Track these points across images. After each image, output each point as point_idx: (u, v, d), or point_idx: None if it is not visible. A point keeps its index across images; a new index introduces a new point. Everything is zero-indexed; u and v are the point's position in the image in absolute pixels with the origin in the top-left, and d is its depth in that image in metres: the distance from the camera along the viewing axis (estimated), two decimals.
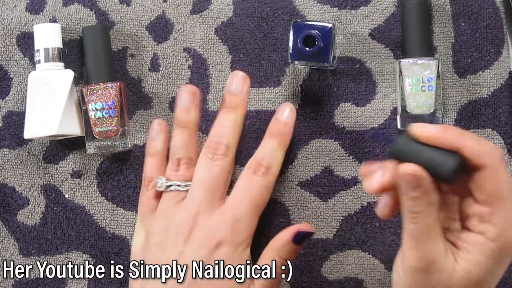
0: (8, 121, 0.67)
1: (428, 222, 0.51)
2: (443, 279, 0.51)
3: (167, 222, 0.62)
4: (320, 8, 0.67)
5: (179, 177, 0.63)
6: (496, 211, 0.51)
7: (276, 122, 0.64)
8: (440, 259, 0.51)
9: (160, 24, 0.67)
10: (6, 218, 0.67)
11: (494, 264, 0.51)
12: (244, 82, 0.64)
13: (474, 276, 0.51)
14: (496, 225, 0.50)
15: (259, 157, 0.63)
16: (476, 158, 0.50)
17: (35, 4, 0.67)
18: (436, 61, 0.63)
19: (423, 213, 0.51)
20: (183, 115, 0.64)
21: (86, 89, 0.64)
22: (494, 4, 0.66)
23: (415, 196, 0.50)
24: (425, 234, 0.51)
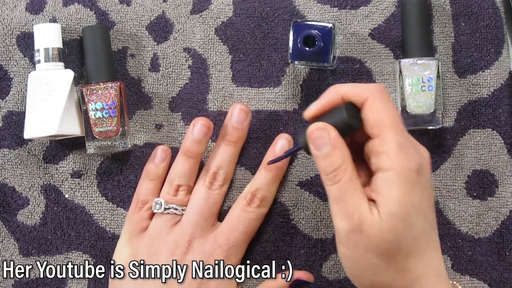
0: (8, 121, 0.67)
1: (347, 178, 0.52)
2: (376, 234, 0.51)
3: (159, 244, 0.63)
4: (320, 8, 0.67)
5: (177, 202, 0.65)
6: (384, 139, 0.52)
7: (273, 156, 0.65)
8: (366, 215, 0.52)
9: (160, 24, 0.67)
10: (6, 218, 0.67)
11: (406, 193, 0.51)
12: (247, 115, 0.65)
13: (397, 213, 0.51)
14: (387, 153, 0.52)
15: (254, 188, 0.65)
16: (356, 96, 0.54)
17: (35, 4, 0.67)
18: (436, 61, 0.63)
19: (339, 169, 0.52)
20: (194, 146, 0.64)
21: (86, 89, 0.64)
22: (494, 4, 0.66)
23: (328, 151, 0.53)
24: (347, 193, 0.52)
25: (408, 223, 0.52)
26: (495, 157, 0.66)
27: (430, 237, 0.54)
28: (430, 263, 0.53)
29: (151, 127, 0.67)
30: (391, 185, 0.51)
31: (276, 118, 0.66)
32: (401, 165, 0.51)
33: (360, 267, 0.53)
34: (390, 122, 0.52)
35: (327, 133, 0.53)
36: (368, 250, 0.52)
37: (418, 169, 0.52)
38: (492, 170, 0.66)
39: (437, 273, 0.54)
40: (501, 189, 0.66)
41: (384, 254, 0.52)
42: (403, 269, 0.53)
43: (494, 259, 0.66)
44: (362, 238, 0.52)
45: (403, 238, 0.52)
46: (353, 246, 0.53)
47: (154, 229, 0.64)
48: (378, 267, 0.53)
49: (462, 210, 0.66)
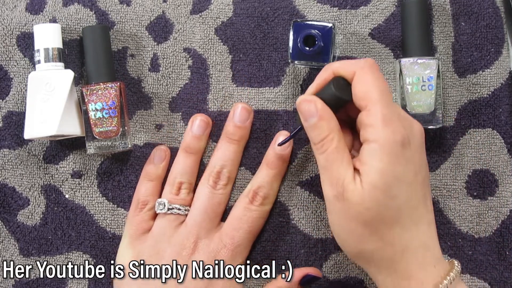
0: (8, 121, 0.67)
1: (332, 147, 0.55)
2: (358, 202, 0.53)
3: (164, 245, 0.63)
4: (320, 8, 0.67)
5: (180, 201, 0.65)
6: (370, 111, 0.54)
7: (273, 153, 0.65)
8: (349, 184, 0.54)
9: (160, 24, 0.67)
10: (6, 218, 0.67)
11: (389, 165, 0.53)
12: (249, 114, 0.65)
13: (377, 184, 0.53)
14: (373, 125, 0.53)
15: (256, 187, 0.65)
16: (345, 71, 0.56)
17: (35, 4, 0.67)
18: (436, 60, 0.63)
19: (326, 139, 0.55)
20: (194, 142, 0.65)
21: (86, 89, 0.64)
22: (494, 4, 0.66)
23: (315, 122, 0.56)
24: (333, 162, 0.55)
25: (389, 194, 0.53)
26: (495, 156, 0.66)
27: (416, 211, 0.55)
28: (417, 237, 0.55)
29: (151, 127, 0.67)
30: (374, 156, 0.53)
31: (276, 118, 0.66)
32: (385, 137, 0.53)
33: (346, 235, 0.56)
34: (376, 95, 0.54)
35: (313, 104, 0.56)
36: (352, 218, 0.54)
37: (403, 142, 0.53)
38: (492, 169, 0.66)
39: (426, 247, 0.55)
40: (501, 189, 0.66)
41: (367, 223, 0.54)
42: (387, 240, 0.54)
43: (495, 258, 0.66)
44: (345, 206, 0.54)
45: (384, 208, 0.53)
46: (338, 214, 0.55)
47: (157, 230, 0.64)
48: (362, 235, 0.54)
49: (462, 210, 0.66)
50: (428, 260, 0.55)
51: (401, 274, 0.54)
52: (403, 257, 0.54)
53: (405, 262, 0.54)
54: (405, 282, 0.54)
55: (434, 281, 0.54)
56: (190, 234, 0.63)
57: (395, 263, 0.54)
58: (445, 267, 0.56)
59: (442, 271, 0.55)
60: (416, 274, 0.54)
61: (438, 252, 0.56)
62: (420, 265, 0.54)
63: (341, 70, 0.56)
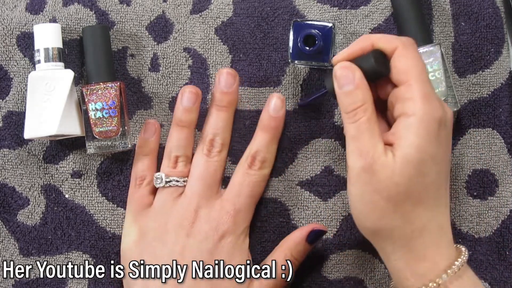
0: (8, 121, 0.67)
1: (366, 117, 0.54)
2: (387, 176, 0.53)
3: (166, 217, 0.63)
4: (320, 8, 0.67)
5: (177, 173, 0.65)
6: (411, 86, 0.54)
7: (268, 116, 0.65)
8: (380, 156, 0.53)
9: (160, 24, 0.67)
10: (6, 218, 0.67)
11: (425, 141, 0.53)
12: (234, 79, 0.65)
13: (412, 159, 0.52)
14: (413, 100, 0.53)
15: (253, 151, 0.65)
16: (387, 44, 0.55)
17: (35, 4, 0.67)
18: (438, 45, 0.63)
19: (360, 108, 0.54)
20: (185, 114, 0.65)
21: (86, 89, 0.64)
22: (494, 4, 0.66)
23: (351, 90, 0.55)
24: (364, 132, 0.54)
25: (421, 170, 0.53)
26: (495, 156, 0.66)
27: (440, 192, 0.55)
28: (436, 218, 0.54)
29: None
30: (412, 130, 0.53)
31: None
32: (425, 112, 0.53)
33: (366, 209, 0.55)
34: (418, 71, 0.54)
35: (352, 71, 0.55)
36: (377, 192, 0.53)
37: (440, 121, 0.53)
38: (492, 169, 0.66)
39: (442, 229, 0.55)
40: (501, 189, 0.66)
41: (393, 198, 0.53)
42: (409, 218, 0.54)
43: (495, 258, 0.66)
44: (373, 178, 0.53)
45: (414, 184, 0.53)
46: (363, 186, 0.54)
47: (158, 203, 0.64)
48: (385, 210, 0.54)
49: (462, 210, 0.66)
50: (443, 242, 0.55)
51: (416, 254, 0.54)
52: (420, 237, 0.54)
53: (421, 242, 0.54)
54: (419, 263, 0.54)
55: (446, 262, 0.54)
56: (190, 203, 0.63)
57: (411, 243, 0.54)
58: (455, 251, 0.56)
59: (453, 254, 0.55)
60: (431, 255, 0.54)
61: (451, 235, 0.56)
62: (435, 246, 0.54)
63: (381, 43, 0.56)
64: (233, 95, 0.65)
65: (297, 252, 0.63)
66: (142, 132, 0.66)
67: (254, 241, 0.66)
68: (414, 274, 0.54)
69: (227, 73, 0.65)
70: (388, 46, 0.56)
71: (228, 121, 0.65)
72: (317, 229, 0.64)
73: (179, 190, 0.64)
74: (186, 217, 0.63)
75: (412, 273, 0.54)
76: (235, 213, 0.63)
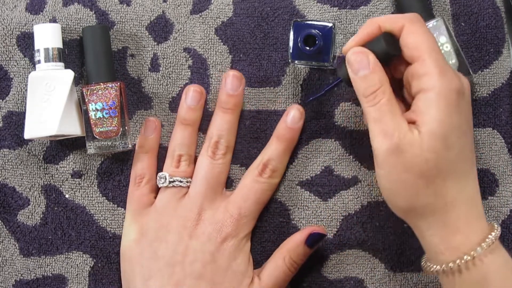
0: (8, 121, 0.67)
1: (386, 99, 0.54)
2: (416, 153, 0.53)
3: (168, 218, 0.63)
4: (320, 8, 0.67)
5: (181, 174, 0.65)
6: (424, 61, 0.54)
7: (285, 126, 0.65)
8: (405, 134, 0.53)
9: (160, 24, 0.67)
10: (6, 218, 0.67)
11: (447, 113, 0.53)
12: (240, 81, 0.65)
13: (438, 132, 0.53)
14: (428, 74, 0.53)
15: (265, 159, 0.65)
16: (394, 24, 0.56)
17: (35, 4, 0.67)
18: (441, 19, 0.62)
19: (378, 90, 0.55)
20: (189, 113, 0.65)
21: (86, 89, 0.64)
22: (494, 4, 0.66)
23: (367, 74, 0.55)
24: (386, 113, 0.54)
25: (447, 143, 0.53)
26: (496, 156, 0.66)
27: (467, 163, 0.55)
28: (465, 190, 0.55)
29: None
30: (432, 105, 0.53)
31: (277, 118, 0.66)
32: (442, 85, 0.53)
33: (398, 189, 0.55)
34: (430, 45, 0.54)
35: (365, 56, 0.56)
36: (407, 170, 0.53)
37: (458, 91, 0.54)
38: (493, 169, 0.66)
39: (472, 201, 0.55)
40: (501, 189, 0.66)
41: (424, 175, 0.53)
42: (440, 192, 0.54)
43: None
44: (401, 157, 0.53)
45: (442, 159, 0.53)
46: (392, 167, 0.54)
47: (161, 204, 0.64)
48: (416, 187, 0.54)
49: None
50: (475, 215, 0.55)
51: (450, 228, 0.54)
52: (453, 210, 0.54)
53: (455, 216, 0.54)
54: (453, 236, 0.54)
55: (479, 236, 0.54)
56: (194, 205, 0.63)
57: (445, 217, 0.54)
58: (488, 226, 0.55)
59: (486, 228, 0.55)
60: (464, 228, 0.54)
61: (482, 208, 0.56)
62: (466, 219, 0.54)
63: (388, 24, 0.56)
64: (238, 97, 0.65)
65: (296, 255, 0.63)
66: (142, 130, 0.66)
67: (254, 241, 0.66)
68: (449, 248, 0.54)
69: (233, 76, 0.65)
70: (395, 25, 0.56)
71: (233, 124, 0.66)
72: (316, 232, 0.64)
73: (182, 190, 0.64)
74: (189, 218, 0.63)
75: (447, 246, 0.54)
76: (239, 217, 0.63)
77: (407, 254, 0.66)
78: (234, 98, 0.65)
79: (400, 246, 0.66)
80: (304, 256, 0.64)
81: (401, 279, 0.66)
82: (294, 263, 0.63)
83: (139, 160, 0.66)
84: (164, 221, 0.63)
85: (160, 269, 0.62)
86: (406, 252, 0.66)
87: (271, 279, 0.63)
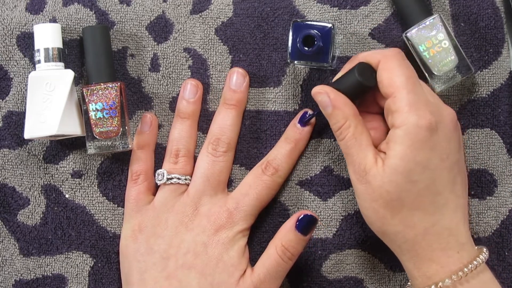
0: (8, 121, 0.67)
1: (350, 134, 0.57)
2: (378, 184, 0.55)
3: (166, 215, 0.64)
4: (320, 8, 0.67)
5: (179, 171, 0.64)
6: (396, 98, 0.55)
7: (294, 128, 0.65)
8: (371, 167, 0.56)
9: (160, 24, 0.67)
10: (6, 218, 0.67)
11: (411, 150, 0.55)
12: (244, 78, 0.65)
13: (398, 168, 0.55)
14: (399, 111, 0.55)
15: (271, 158, 0.65)
16: (371, 59, 0.58)
17: (35, 4, 0.67)
18: (437, 16, 0.62)
19: (343, 127, 0.57)
20: (186, 106, 0.65)
21: (86, 90, 0.64)
22: (494, 4, 0.66)
23: (330, 112, 0.58)
24: (351, 148, 0.57)
25: (410, 178, 0.55)
26: (494, 156, 0.66)
27: (440, 196, 0.56)
28: (439, 222, 0.56)
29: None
30: (398, 141, 0.55)
31: (277, 118, 0.67)
32: (410, 123, 0.54)
33: (370, 216, 0.58)
34: (401, 81, 0.56)
35: (326, 95, 0.58)
36: (374, 200, 0.56)
37: (429, 127, 0.55)
38: (491, 169, 0.66)
39: (450, 232, 0.56)
40: (500, 189, 0.66)
41: (389, 205, 0.56)
42: (409, 223, 0.56)
43: (494, 259, 0.66)
44: (368, 188, 0.56)
45: (405, 191, 0.55)
46: (363, 196, 0.57)
47: (159, 201, 0.64)
48: (385, 217, 0.56)
49: None
50: (452, 245, 0.56)
51: (422, 257, 0.56)
52: (424, 240, 0.56)
53: (426, 246, 0.56)
54: (426, 265, 0.56)
55: (455, 266, 0.55)
56: (192, 202, 0.63)
57: (416, 246, 0.56)
58: (470, 254, 0.56)
59: (466, 258, 0.56)
60: (438, 258, 0.55)
61: (464, 237, 0.57)
62: (442, 250, 0.55)
63: (365, 60, 0.58)
64: (242, 94, 0.66)
65: (288, 241, 0.61)
66: (139, 127, 0.66)
67: (254, 241, 0.66)
68: (422, 275, 0.56)
69: (237, 72, 0.66)
70: (372, 61, 0.58)
71: (236, 121, 0.66)
72: (305, 214, 0.61)
73: (181, 188, 0.64)
74: (187, 214, 0.63)
75: (420, 273, 0.56)
76: (235, 211, 0.63)
77: None
78: (238, 94, 0.65)
79: None
80: (297, 244, 0.61)
81: (401, 279, 0.66)
82: (286, 251, 0.61)
83: (136, 157, 0.66)
84: (162, 218, 0.63)
85: (155, 262, 0.62)
86: None
87: (263, 270, 0.61)
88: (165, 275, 0.62)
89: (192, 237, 0.62)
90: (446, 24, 0.63)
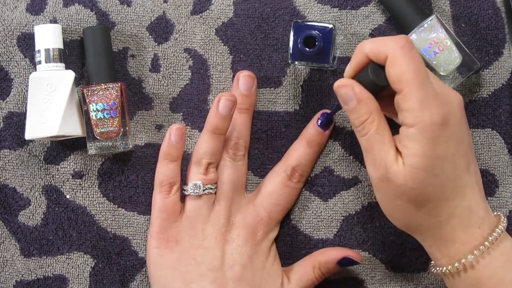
0: (9, 122, 0.67)
1: (373, 130, 0.56)
2: (400, 181, 0.55)
3: (202, 225, 0.63)
4: (321, 9, 0.67)
5: (210, 181, 0.64)
6: (406, 95, 0.54)
7: (316, 132, 0.65)
8: (392, 165, 0.55)
9: (160, 25, 0.67)
10: (7, 219, 0.67)
11: (429, 147, 0.54)
12: (253, 81, 0.66)
13: (420, 166, 0.54)
14: (410, 110, 0.54)
15: (295, 163, 0.65)
16: (377, 55, 0.55)
17: (36, 5, 0.67)
18: (434, 17, 0.62)
19: (366, 122, 0.56)
20: (221, 122, 0.63)
21: (87, 90, 0.64)
22: (495, 5, 0.66)
23: (354, 106, 0.56)
24: (374, 144, 0.56)
25: (432, 173, 0.54)
26: (495, 157, 0.66)
27: (460, 180, 0.56)
28: (461, 204, 0.56)
29: (152, 128, 0.67)
30: (413, 140, 0.54)
31: (278, 119, 0.67)
32: (423, 121, 0.54)
33: (391, 211, 0.58)
34: (410, 77, 0.54)
35: (351, 88, 0.56)
36: (397, 197, 0.56)
37: (442, 122, 0.54)
38: (492, 170, 0.66)
39: (470, 211, 0.56)
40: (501, 189, 0.66)
41: (412, 200, 0.55)
42: (433, 213, 0.56)
43: None
44: (389, 185, 0.55)
45: (428, 187, 0.55)
46: (383, 193, 0.57)
47: (192, 211, 0.63)
48: (408, 211, 0.56)
49: None
50: (473, 222, 0.56)
51: (446, 240, 0.56)
52: (448, 224, 0.56)
53: (450, 229, 0.56)
54: (449, 246, 0.56)
55: (477, 241, 0.56)
56: (225, 209, 0.64)
57: (440, 231, 0.56)
58: (490, 225, 0.57)
59: (487, 230, 0.56)
60: (460, 237, 0.56)
61: (483, 211, 0.57)
62: (464, 228, 0.56)
63: (372, 55, 0.56)
64: (252, 97, 0.66)
65: (326, 268, 0.64)
66: (168, 136, 0.64)
67: None
68: (446, 256, 0.57)
69: (246, 76, 0.65)
70: (379, 57, 0.55)
71: (249, 124, 0.66)
72: (351, 258, 0.64)
73: (212, 197, 0.64)
74: (222, 223, 0.63)
75: (444, 254, 0.57)
76: (269, 221, 0.64)
77: (407, 255, 0.66)
78: (249, 97, 0.65)
79: (400, 246, 0.66)
80: (331, 272, 0.65)
81: (401, 279, 0.66)
82: (321, 276, 0.64)
83: (166, 168, 0.64)
84: (198, 228, 0.63)
85: (202, 274, 0.62)
86: (406, 252, 0.66)
87: (299, 285, 0.64)
88: (216, 286, 0.62)
89: (235, 249, 0.63)
90: (444, 24, 0.63)
